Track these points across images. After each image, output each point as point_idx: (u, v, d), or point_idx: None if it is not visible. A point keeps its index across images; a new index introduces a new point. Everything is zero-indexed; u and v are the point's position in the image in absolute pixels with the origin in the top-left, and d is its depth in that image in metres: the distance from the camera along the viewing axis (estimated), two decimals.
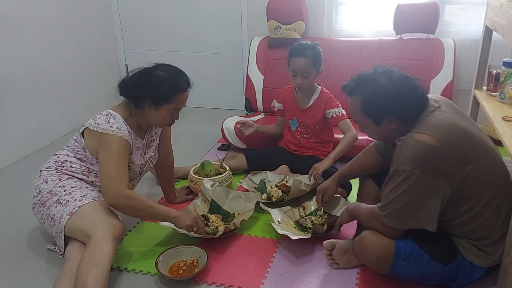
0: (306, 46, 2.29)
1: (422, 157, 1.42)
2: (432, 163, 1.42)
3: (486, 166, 1.49)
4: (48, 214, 1.80)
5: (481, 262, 1.52)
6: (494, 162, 1.53)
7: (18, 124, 2.90)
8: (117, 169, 1.75)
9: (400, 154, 1.46)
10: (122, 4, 3.74)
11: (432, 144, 1.41)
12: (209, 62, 3.72)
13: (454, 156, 1.43)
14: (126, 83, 1.89)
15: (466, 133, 1.49)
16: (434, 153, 1.41)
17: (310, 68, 2.28)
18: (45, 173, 1.90)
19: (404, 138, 1.48)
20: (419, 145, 1.43)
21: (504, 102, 2.19)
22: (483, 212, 1.49)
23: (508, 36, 1.87)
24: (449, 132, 1.46)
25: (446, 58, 2.94)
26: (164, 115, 1.88)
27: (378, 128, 1.58)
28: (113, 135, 1.78)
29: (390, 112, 1.52)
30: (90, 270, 1.54)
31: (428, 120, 1.49)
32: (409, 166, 1.43)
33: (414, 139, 1.44)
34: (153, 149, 2.08)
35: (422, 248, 1.52)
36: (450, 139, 1.44)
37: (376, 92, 1.52)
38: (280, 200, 2.19)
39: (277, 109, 2.58)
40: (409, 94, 1.50)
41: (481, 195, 1.48)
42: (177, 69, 1.91)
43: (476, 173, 1.46)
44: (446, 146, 1.42)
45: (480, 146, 1.50)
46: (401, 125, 1.54)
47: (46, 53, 3.08)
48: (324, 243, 1.80)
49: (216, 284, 1.73)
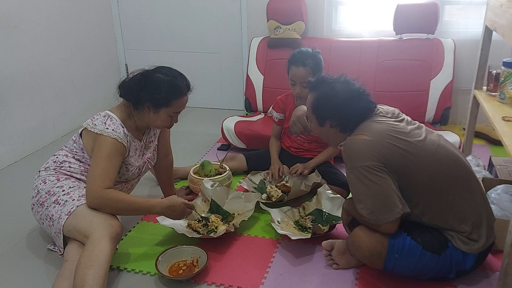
0: (306, 55, 2.22)
1: (363, 150, 1.55)
2: (373, 152, 1.53)
3: (424, 158, 1.55)
4: (46, 214, 1.80)
5: (470, 249, 1.56)
6: (435, 157, 1.57)
7: (18, 124, 2.90)
8: (103, 169, 1.75)
9: (346, 155, 1.60)
10: (122, 4, 3.74)
11: (367, 139, 1.56)
12: (209, 62, 3.72)
13: (386, 150, 1.53)
14: (126, 84, 1.89)
15: (398, 128, 1.59)
16: (372, 145, 1.54)
17: (309, 77, 2.16)
18: (43, 173, 1.90)
19: (345, 142, 1.64)
20: (358, 142, 1.58)
21: (504, 102, 2.18)
22: (443, 206, 1.56)
23: (508, 36, 1.87)
24: (380, 130, 1.58)
25: (446, 58, 2.94)
26: (163, 118, 1.89)
27: (320, 128, 1.73)
28: (107, 136, 1.79)
29: (332, 117, 1.67)
30: (88, 270, 1.54)
31: (365, 124, 1.63)
32: (356, 162, 1.55)
33: (352, 139, 1.61)
34: (152, 150, 2.08)
35: (413, 239, 1.56)
36: (381, 135, 1.56)
37: (327, 95, 1.68)
38: (280, 200, 2.19)
39: (277, 120, 2.45)
40: (354, 106, 1.64)
41: (429, 192, 1.56)
42: (178, 73, 1.91)
43: (413, 170, 1.54)
44: (377, 140, 1.55)
45: (417, 139, 1.58)
46: (340, 133, 1.69)
47: (45, 53, 3.08)
48: (323, 244, 1.81)
49: (216, 284, 1.73)
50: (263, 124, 2.90)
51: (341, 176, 2.30)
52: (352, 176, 1.57)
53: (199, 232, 1.95)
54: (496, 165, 2.32)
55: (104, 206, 1.74)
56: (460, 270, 1.61)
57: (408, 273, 1.64)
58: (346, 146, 1.61)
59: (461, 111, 3.13)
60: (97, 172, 1.74)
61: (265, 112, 3.19)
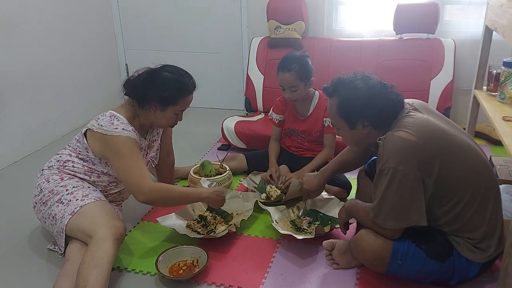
0: (291, 60, 2.21)
1: (404, 153, 1.46)
2: (414, 158, 1.46)
3: (463, 163, 1.51)
4: (49, 213, 1.80)
5: (476, 258, 1.53)
6: (473, 160, 1.55)
7: (18, 124, 2.90)
8: (136, 168, 1.77)
9: (383, 152, 1.50)
10: (122, 4, 3.74)
11: (411, 139, 1.46)
12: (209, 62, 3.72)
13: (431, 151, 1.47)
14: (132, 83, 1.88)
15: (441, 130, 1.53)
16: (414, 148, 1.46)
17: (296, 82, 2.20)
18: (47, 172, 1.90)
19: (384, 137, 1.52)
20: (399, 141, 1.47)
21: (504, 102, 2.19)
22: (468, 209, 1.51)
23: (508, 36, 1.87)
24: (424, 129, 1.50)
25: (446, 58, 2.94)
26: (169, 116, 1.89)
27: (352, 132, 1.63)
28: (119, 136, 1.78)
29: (363, 116, 1.57)
30: (91, 270, 1.54)
31: (405, 119, 1.54)
32: (393, 163, 1.46)
33: (394, 136, 1.49)
34: (155, 150, 2.08)
35: (418, 246, 1.53)
36: (426, 134, 1.49)
37: (351, 95, 1.57)
38: (279, 200, 2.19)
39: (277, 121, 2.45)
40: (382, 99, 1.56)
41: (462, 192, 1.50)
42: (184, 71, 1.91)
43: (453, 170, 1.49)
44: (423, 141, 1.46)
45: (456, 143, 1.53)
46: (373, 130, 1.59)
47: (46, 53, 3.08)
48: (324, 243, 1.80)
49: (216, 284, 1.72)
50: (263, 124, 2.89)
51: (341, 176, 2.30)
52: (383, 174, 1.48)
53: (199, 233, 1.95)
54: (496, 165, 2.32)
55: (159, 199, 1.80)
56: (463, 279, 1.59)
57: (410, 278, 1.62)
58: (387, 142, 1.50)
59: (461, 111, 3.12)
60: (133, 172, 1.76)
61: (265, 112, 3.19)
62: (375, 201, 1.53)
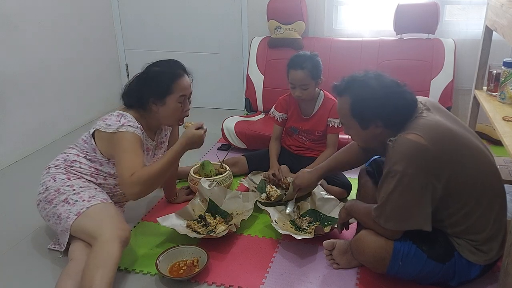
0: (304, 58, 2.24)
1: (414, 156, 1.43)
2: (423, 162, 1.43)
3: (473, 166, 1.49)
4: (54, 212, 1.80)
5: (477, 260, 1.52)
6: (482, 162, 1.54)
7: (18, 124, 2.90)
8: (126, 161, 1.73)
9: (393, 154, 1.47)
10: (122, 4, 3.74)
11: (422, 143, 1.42)
12: (209, 62, 3.71)
13: (441, 155, 1.44)
14: (128, 92, 1.90)
15: (451, 133, 1.50)
16: (424, 152, 1.42)
17: (308, 80, 2.22)
18: (53, 170, 1.89)
19: (395, 139, 1.48)
20: (410, 144, 1.43)
21: (504, 102, 2.19)
22: (474, 211, 1.50)
23: (509, 36, 1.87)
24: (435, 132, 1.47)
25: (446, 58, 2.94)
26: (173, 107, 1.87)
27: (363, 131, 1.57)
28: (125, 132, 1.78)
29: (377, 116, 1.52)
30: (97, 271, 1.54)
31: (417, 121, 1.50)
32: (402, 166, 1.43)
33: (405, 139, 1.45)
34: (163, 151, 2.08)
35: (419, 247, 1.53)
36: (437, 138, 1.45)
37: (365, 94, 1.51)
38: (279, 200, 2.19)
39: (280, 120, 2.46)
40: (397, 99, 1.51)
41: (470, 195, 1.49)
42: (170, 60, 1.92)
43: (462, 173, 1.47)
44: (434, 145, 1.43)
45: (466, 146, 1.51)
46: (385, 130, 1.54)
47: (46, 53, 3.08)
48: (324, 243, 1.80)
49: (216, 284, 1.72)
50: (264, 124, 2.90)
51: (341, 176, 2.30)
52: (390, 176, 1.46)
53: (199, 233, 1.95)
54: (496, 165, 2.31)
55: (145, 187, 1.73)
56: (464, 281, 1.58)
57: (410, 278, 1.62)
58: (397, 144, 1.46)
59: (461, 111, 3.12)
60: (123, 165, 1.73)
61: (266, 112, 3.19)
62: (379, 202, 1.52)
